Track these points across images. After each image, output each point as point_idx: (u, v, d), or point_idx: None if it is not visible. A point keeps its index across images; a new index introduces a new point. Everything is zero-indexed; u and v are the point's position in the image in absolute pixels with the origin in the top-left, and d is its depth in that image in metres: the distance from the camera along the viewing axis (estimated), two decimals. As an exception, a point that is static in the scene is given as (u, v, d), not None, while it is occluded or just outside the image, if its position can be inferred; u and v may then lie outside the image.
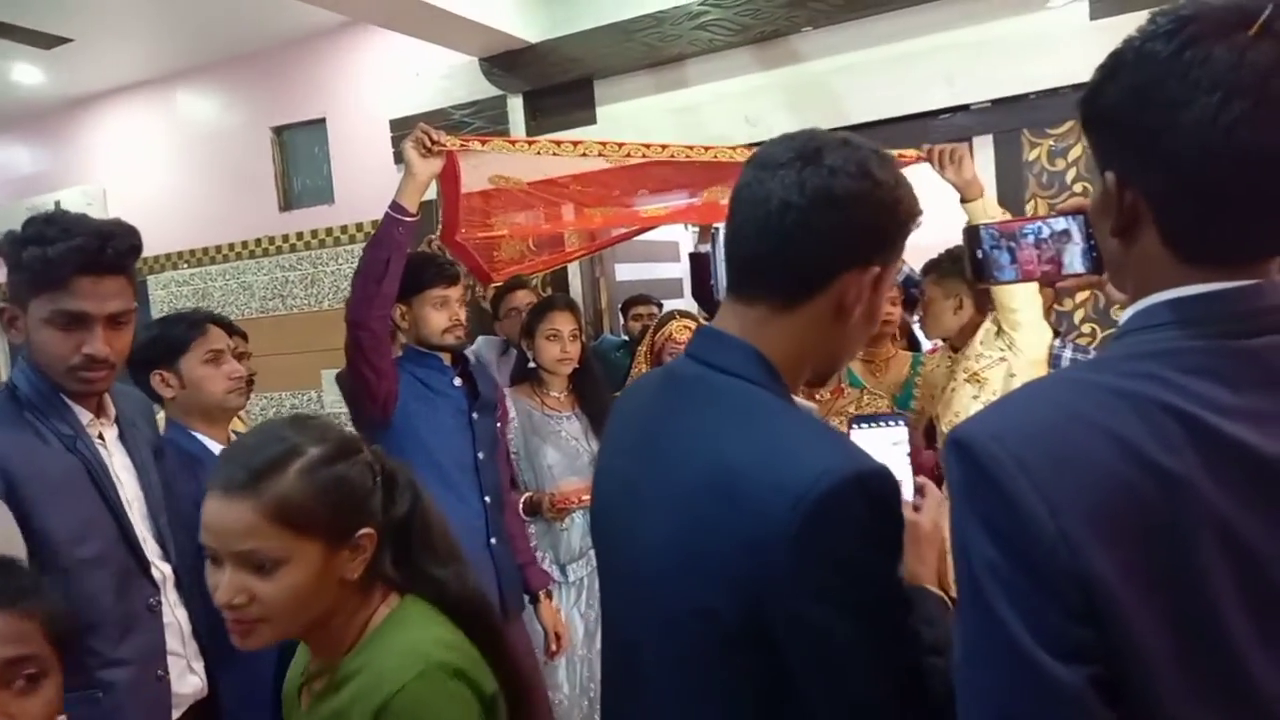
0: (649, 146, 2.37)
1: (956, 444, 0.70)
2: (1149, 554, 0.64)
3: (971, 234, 0.96)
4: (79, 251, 1.49)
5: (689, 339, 2.58)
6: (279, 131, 4.72)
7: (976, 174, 2.23)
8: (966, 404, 2.33)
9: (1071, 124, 2.91)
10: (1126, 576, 0.63)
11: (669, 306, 3.51)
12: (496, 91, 3.88)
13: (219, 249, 4.89)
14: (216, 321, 2.14)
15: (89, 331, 1.53)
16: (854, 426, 1.19)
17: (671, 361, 1.09)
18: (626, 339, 3.95)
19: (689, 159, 2.40)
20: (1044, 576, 0.64)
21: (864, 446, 0.90)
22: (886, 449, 1.14)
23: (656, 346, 2.73)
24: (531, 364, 2.71)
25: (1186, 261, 0.72)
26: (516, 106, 3.88)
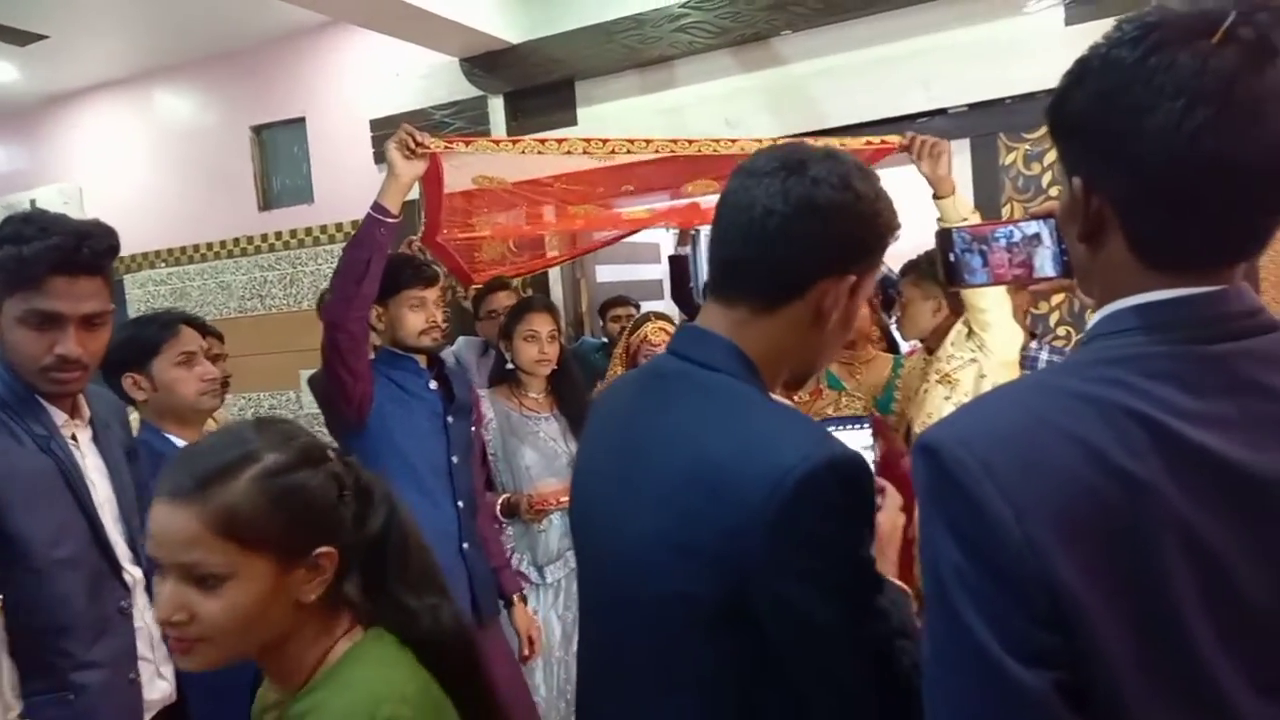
0: (633, 141, 2.37)
1: (924, 448, 0.70)
2: (1113, 558, 0.64)
3: (944, 237, 0.97)
4: (55, 251, 1.48)
5: (665, 340, 2.63)
6: (258, 130, 4.69)
7: (950, 173, 2.24)
8: (938, 405, 2.34)
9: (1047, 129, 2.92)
10: (1091, 581, 0.63)
11: (650, 308, 3.53)
12: (477, 92, 3.87)
13: (197, 248, 4.85)
14: (190, 322, 2.13)
15: (62, 332, 1.52)
16: None
17: (653, 358, 1.12)
18: (606, 341, 3.94)
19: (673, 152, 2.39)
20: (1009, 581, 0.64)
21: None
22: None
23: (632, 348, 2.73)
24: (509, 365, 2.70)
25: (1152, 267, 0.72)
26: (497, 107, 3.88)
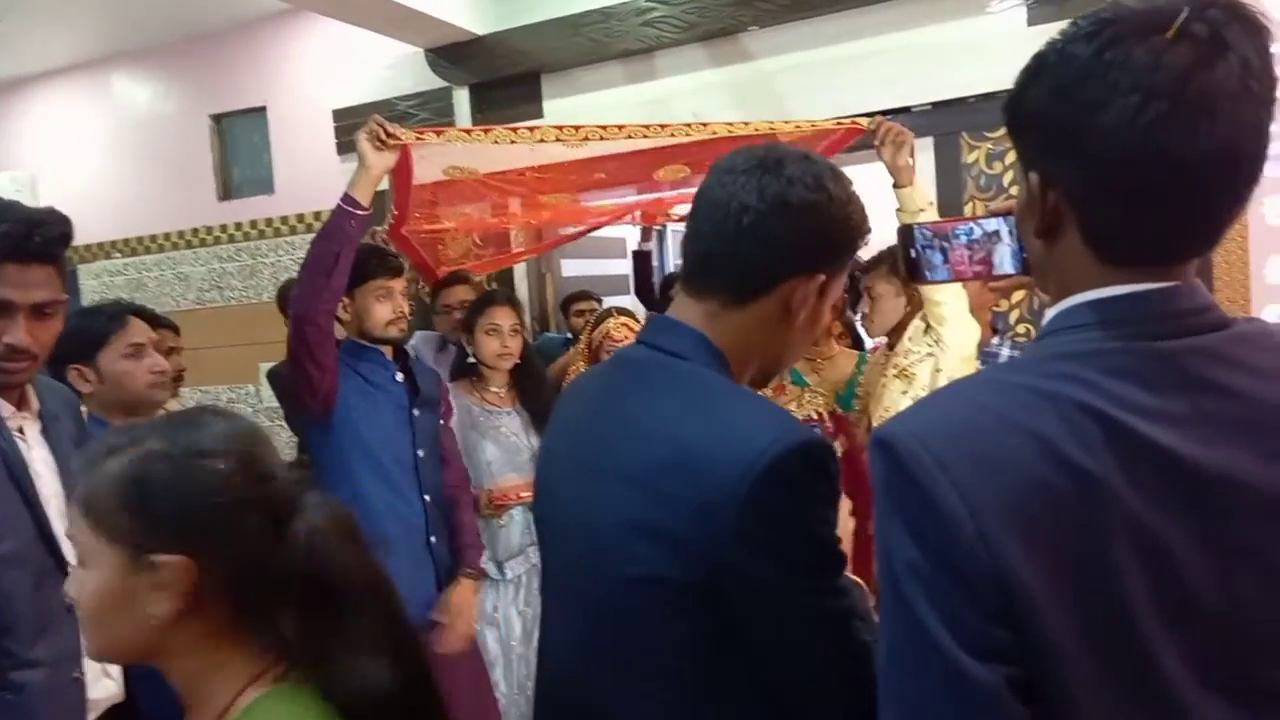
0: (605, 128, 2.35)
1: (879, 443, 0.70)
2: (1064, 554, 0.64)
3: (905, 233, 0.98)
4: (5, 238, 1.44)
5: (627, 336, 2.61)
6: (218, 119, 4.62)
7: (911, 163, 2.25)
8: (896, 399, 2.35)
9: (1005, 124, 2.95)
10: (1043, 577, 0.63)
11: (616, 304, 3.51)
12: (442, 83, 3.84)
13: (154, 239, 4.77)
14: (139, 314, 2.08)
15: (11, 320, 1.48)
16: None
17: (622, 347, 1.14)
18: (569, 336, 3.91)
19: (646, 138, 2.39)
20: (963, 577, 0.64)
21: None
22: None
23: (594, 344, 2.71)
24: (471, 359, 2.68)
25: (1107, 263, 0.73)
26: (462, 99, 3.85)
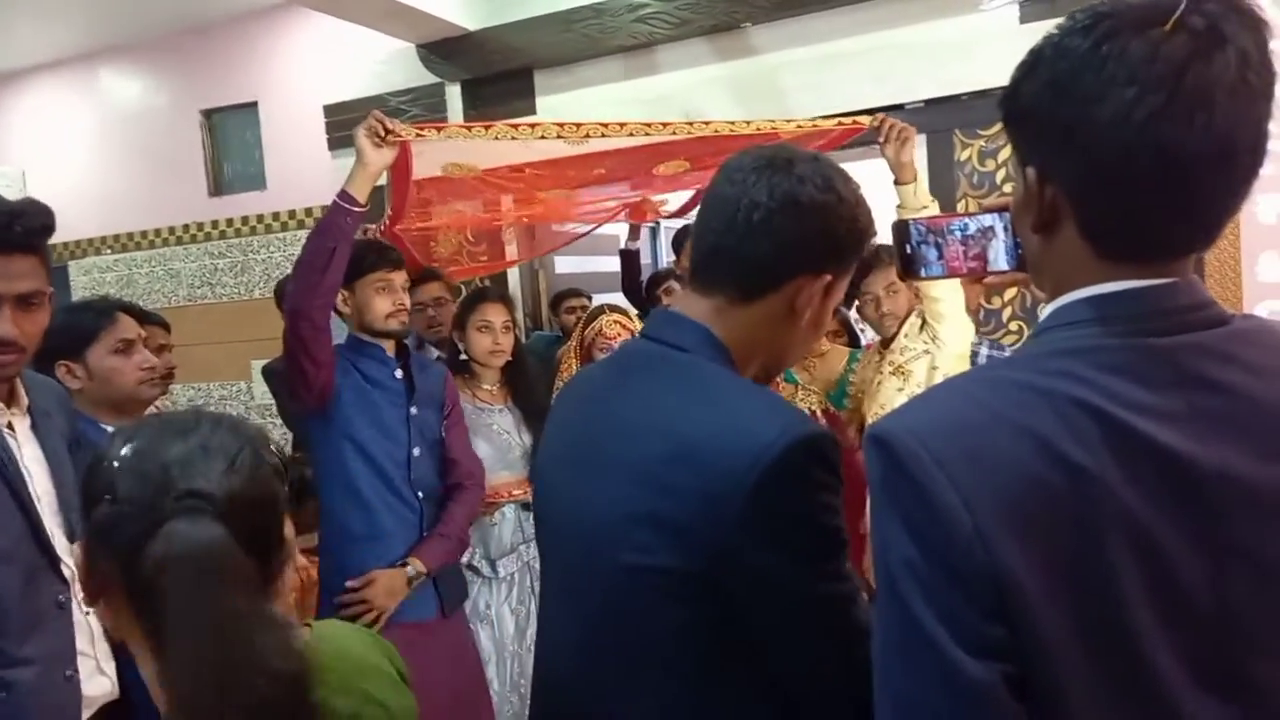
0: (607, 125, 2.32)
1: (875, 440, 0.70)
2: (1059, 550, 0.64)
3: (900, 228, 0.98)
4: None
5: (620, 333, 2.61)
6: (208, 115, 4.60)
7: (914, 160, 2.25)
8: (891, 396, 2.36)
9: (1001, 125, 2.96)
10: (1039, 574, 0.63)
11: (609, 301, 3.49)
12: (434, 79, 3.83)
13: (145, 235, 4.75)
14: (128, 310, 2.06)
15: None
16: None
17: (627, 341, 1.14)
18: (559, 334, 3.88)
19: (647, 135, 2.37)
20: (960, 574, 0.64)
21: None
22: None
23: (586, 341, 2.69)
24: (463, 356, 2.67)
25: (1105, 258, 0.72)
26: (455, 95, 3.84)
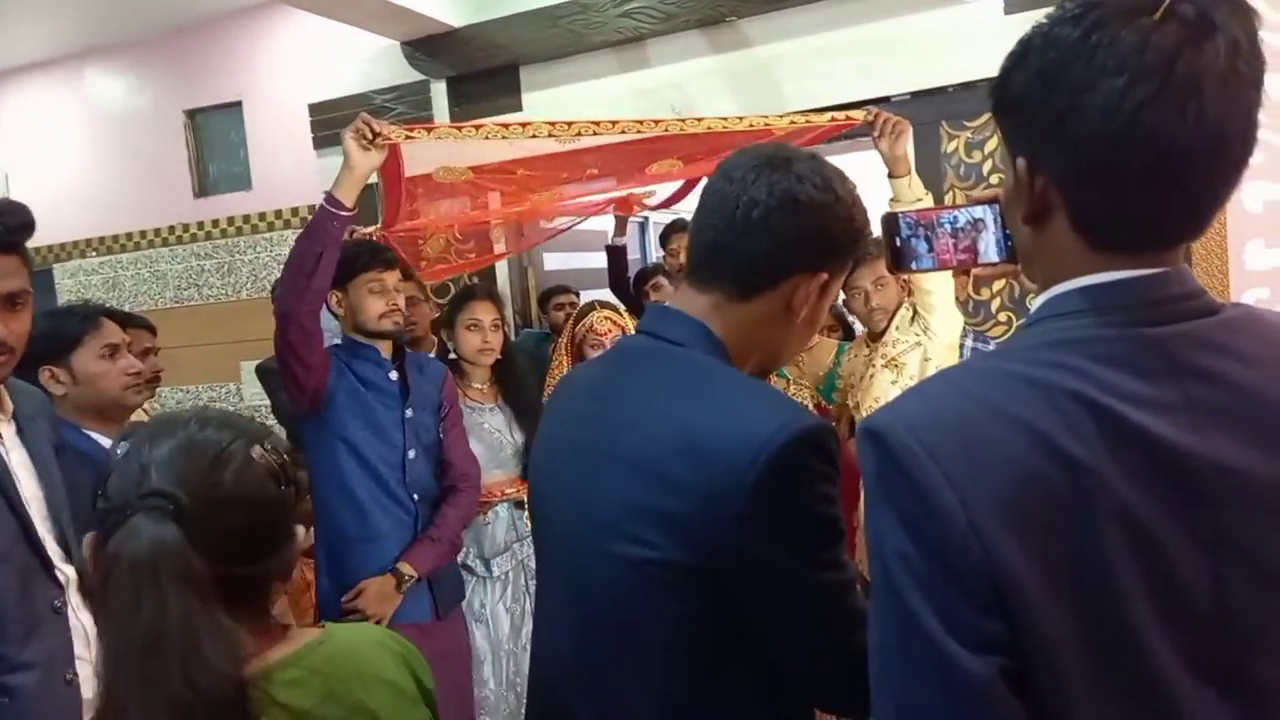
0: (598, 123, 2.30)
1: (870, 433, 0.69)
2: (1057, 545, 0.64)
3: (890, 222, 0.98)
4: None
5: (611, 330, 2.60)
6: (192, 115, 4.58)
7: (907, 153, 2.25)
8: (885, 389, 2.36)
9: (988, 116, 2.95)
10: (1035, 568, 0.63)
11: (598, 297, 3.47)
12: (419, 76, 3.81)
13: (130, 236, 4.72)
14: (110, 315, 2.05)
15: None
16: None
17: (623, 336, 1.14)
18: (546, 331, 3.86)
19: (640, 133, 2.35)
20: (955, 569, 0.63)
21: None
22: None
23: (577, 338, 2.67)
24: (452, 355, 2.66)
25: (1097, 248, 0.72)
26: (440, 92, 3.82)
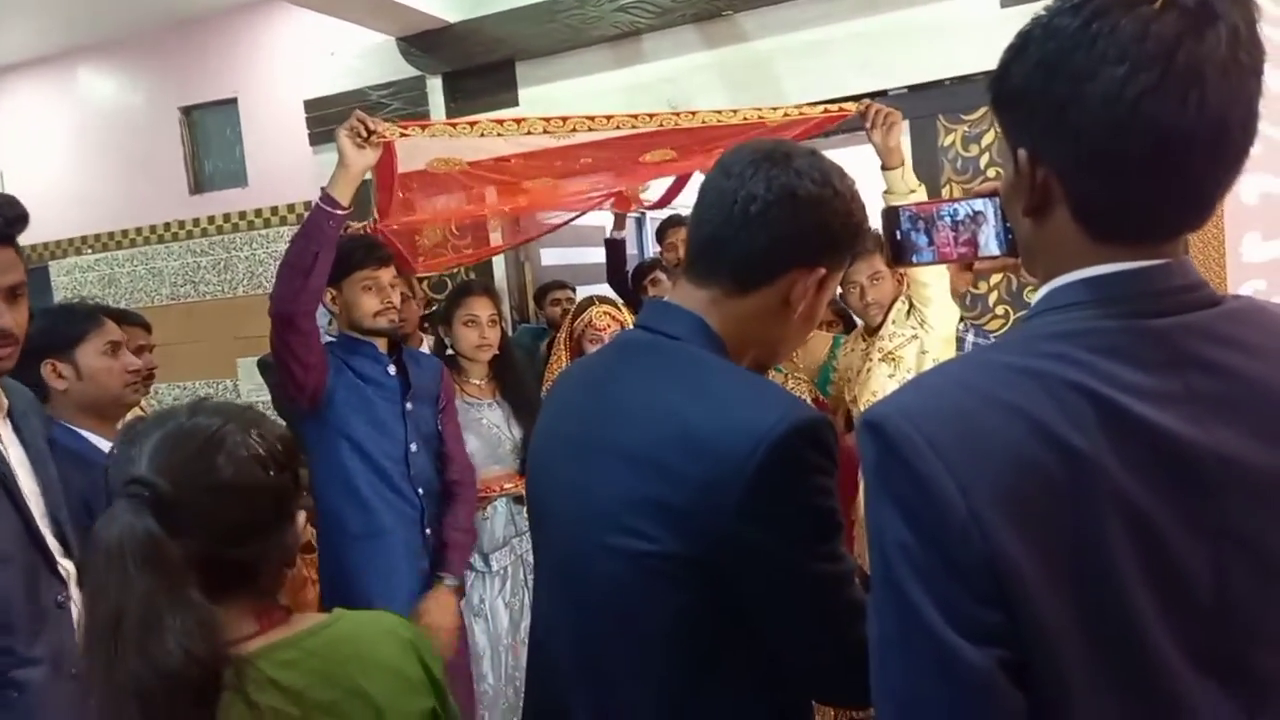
0: (593, 118, 2.30)
1: (869, 425, 0.70)
2: (1057, 534, 0.64)
3: (890, 216, 0.98)
4: None
5: (610, 325, 2.60)
6: (187, 112, 4.56)
7: (900, 145, 2.25)
8: (883, 383, 2.36)
9: (985, 110, 2.97)
10: (1035, 559, 0.63)
11: (596, 292, 3.47)
12: (415, 72, 3.80)
13: (125, 233, 4.71)
14: (106, 313, 2.04)
15: None
16: None
17: (622, 331, 1.15)
18: (543, 327, 3.86)
19: (634, 128, 2.35)
20: (955, 559, 0.63)
21: None
22: None
23: (575, 333, 2.67)
24: (449, 351, 2.65)
25: (1098, 240, 0.72)
26: (436, 88, 3.81)
